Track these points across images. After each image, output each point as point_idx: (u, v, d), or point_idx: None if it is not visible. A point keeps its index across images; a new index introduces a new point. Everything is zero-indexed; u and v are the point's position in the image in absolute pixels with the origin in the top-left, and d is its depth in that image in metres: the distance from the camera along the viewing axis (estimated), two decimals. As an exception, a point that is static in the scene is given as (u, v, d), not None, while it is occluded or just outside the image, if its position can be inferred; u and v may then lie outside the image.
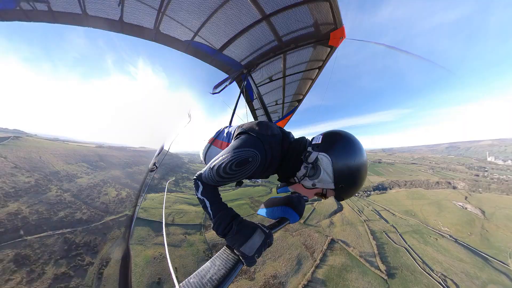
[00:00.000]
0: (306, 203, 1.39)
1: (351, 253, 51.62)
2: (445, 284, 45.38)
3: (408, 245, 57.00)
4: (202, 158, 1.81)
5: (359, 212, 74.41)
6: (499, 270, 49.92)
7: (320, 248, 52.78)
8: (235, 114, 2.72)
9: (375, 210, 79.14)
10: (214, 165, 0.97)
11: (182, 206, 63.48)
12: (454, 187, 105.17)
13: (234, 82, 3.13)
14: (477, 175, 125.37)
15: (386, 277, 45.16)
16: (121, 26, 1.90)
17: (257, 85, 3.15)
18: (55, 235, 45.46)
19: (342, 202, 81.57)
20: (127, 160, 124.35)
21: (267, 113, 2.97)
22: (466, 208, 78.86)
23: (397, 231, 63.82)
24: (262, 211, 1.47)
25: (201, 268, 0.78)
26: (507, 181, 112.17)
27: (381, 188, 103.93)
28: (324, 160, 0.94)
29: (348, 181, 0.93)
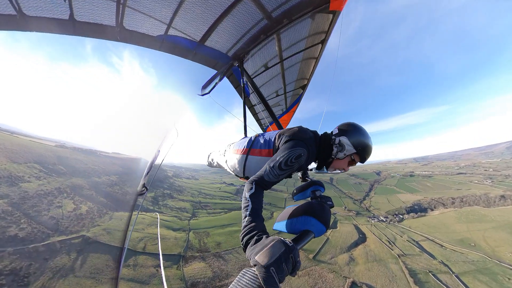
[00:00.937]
0: (330, 212, 1.31)
1: (381, 303, 36.92)
2: None
3: (474, 293, 38.81)
4: (239, 170, 1.93)
5: (390, 244, 57.41)
6: None
7: (336, 295, 39.49)
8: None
9: (413, 240, 60.23)
10: (274, 164, 1.24)
11: (159, 231, 52.35)
12: (532, 204, 77.37)
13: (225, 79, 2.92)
14: None
15: None
16: (73, 26, 1.55)
17: (252, 77, 2.86)
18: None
19: (366, 231, 65.94)
20: (96, 167, 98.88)
21: (268, 108, 2.69)
22: (560, 233, 54.73)
23: (451, 271, 45.58)
24: (278, 225, 1.34)
25: None
26: None
27: (418, 210, 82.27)
28: (344, 139, 1.49)
29: (360, 142, 1.47)
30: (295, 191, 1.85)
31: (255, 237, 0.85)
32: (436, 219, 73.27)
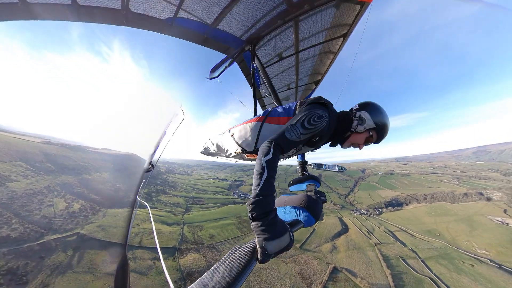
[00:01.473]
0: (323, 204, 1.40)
1: (358, 285, 42.02)
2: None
3: (435, 275, 45.40)
4: (250, 139, 1.67)
5: (369, 234, 63.69)
6: None
7: (320, 279, 43.99)
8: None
9: (389, 230, 67.36)
10: (297, 121, 1.18)
11: (154, 225, 55.45)
12: (489, 199, 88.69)
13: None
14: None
15: (406, 320, 34.62)
16: (77, 11, 1.45)
17: (264, 66, 2.58)
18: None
19: (349, 223, 71.81)
20: (85, 164, 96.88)
21: (277, 101, 2.54)
22: (507, 223, 64.52)
23: (419, 256, 52.25)
24: None
25: (199, 279, 0.69)
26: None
27: (395, 204, 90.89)
28: (365, 113, 1.47)
29: (380, 119, 1.46)
30: (291, 182, 1.89)
31: (269, 218, 0.84)
32: (410, 212, 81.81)
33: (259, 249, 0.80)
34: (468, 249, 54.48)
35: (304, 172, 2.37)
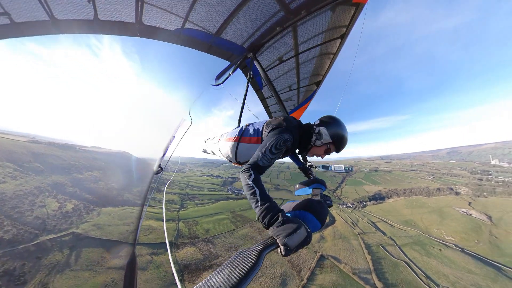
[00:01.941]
0: (328, 207, 1.39)
1: (342, 270, 46.15)
2: (453, 302, 38.97)
3: (409, 259, 51.02)
4: (231, 156, 2.03)
5: (353, 225, 68.95)
6: (515, 281, 43.27)
7: (308, 266, 47.49)
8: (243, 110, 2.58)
9: (371, 221, 73.35)
10: (265, 149, 1.33)
11: (149, 222, 55.17)
12: (457, 193, 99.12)
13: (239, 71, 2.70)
14: (481, 179, 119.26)
15: (383, 297, 39.28)
16: (98, 25, 1.67)
17: (265, 70, 2.73)
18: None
19: (336, 215, 76.76)
20: (76, 163, 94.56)
21: (280, 102, 2.60)
22: (470, 214, 72.90)
23: (396, 243, 58.02)
24: None
25: (203, 281, 0.67)
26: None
27: (378, 198, 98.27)
28: (322, 129, 1.64)
29: (337, 133, 1.62)
30: (297, 186, 1.91)
31: (280, 218, 0.93)
32: (390, 205, 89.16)
33: (281, 247, 0.86)
34: (438, 236, 61.51)
35: (309, 175, 2.40)
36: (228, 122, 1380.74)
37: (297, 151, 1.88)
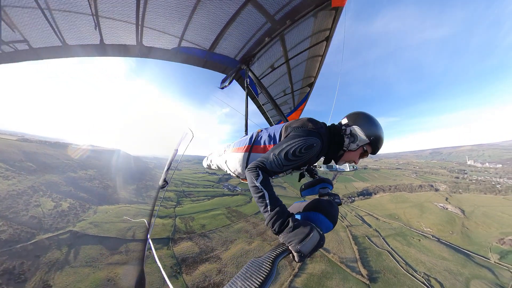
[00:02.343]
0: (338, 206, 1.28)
1: (331, 259, 49.49)
2: (428, 284, 43.83)
3: (391, 248, 55.61)
4: (240, 170, 1.67)
5: (342, 218, 73.18)
6: (481, 265, 49.26)
7: (300, 257, 50.50)
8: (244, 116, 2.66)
9: (359, 215, 78.24)
10: (280, 152, 1.10)
11: (146, 219, 56.31)
12: (436, 190, 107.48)
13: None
14: (457, 177, 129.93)
15: (368, 282, 43.12)
16: (104, 49, 1.83)
17: (259, 78, 2.88)
18: None
19: None
20: (69, 161, 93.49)
21: (276, 107, 2.67)
22: (447, 208, 79.97)
23: (380, 235, 62.70)
24: None
25: None
26: (484, 181, 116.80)
27: (365, 194, 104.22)
28: (356, 129, 1.38)
29: (374, 132, 1.37)
30: (303, 187, 1.77)
31: (290, 223, 0.87)
32: (376, 200, 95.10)
33: (295, 253, 0.82)
34: (418, 228, 67.17)
35: (314, 175, 2.20)
36: (223, 119, 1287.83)
37: (321, 159, 1.54)
